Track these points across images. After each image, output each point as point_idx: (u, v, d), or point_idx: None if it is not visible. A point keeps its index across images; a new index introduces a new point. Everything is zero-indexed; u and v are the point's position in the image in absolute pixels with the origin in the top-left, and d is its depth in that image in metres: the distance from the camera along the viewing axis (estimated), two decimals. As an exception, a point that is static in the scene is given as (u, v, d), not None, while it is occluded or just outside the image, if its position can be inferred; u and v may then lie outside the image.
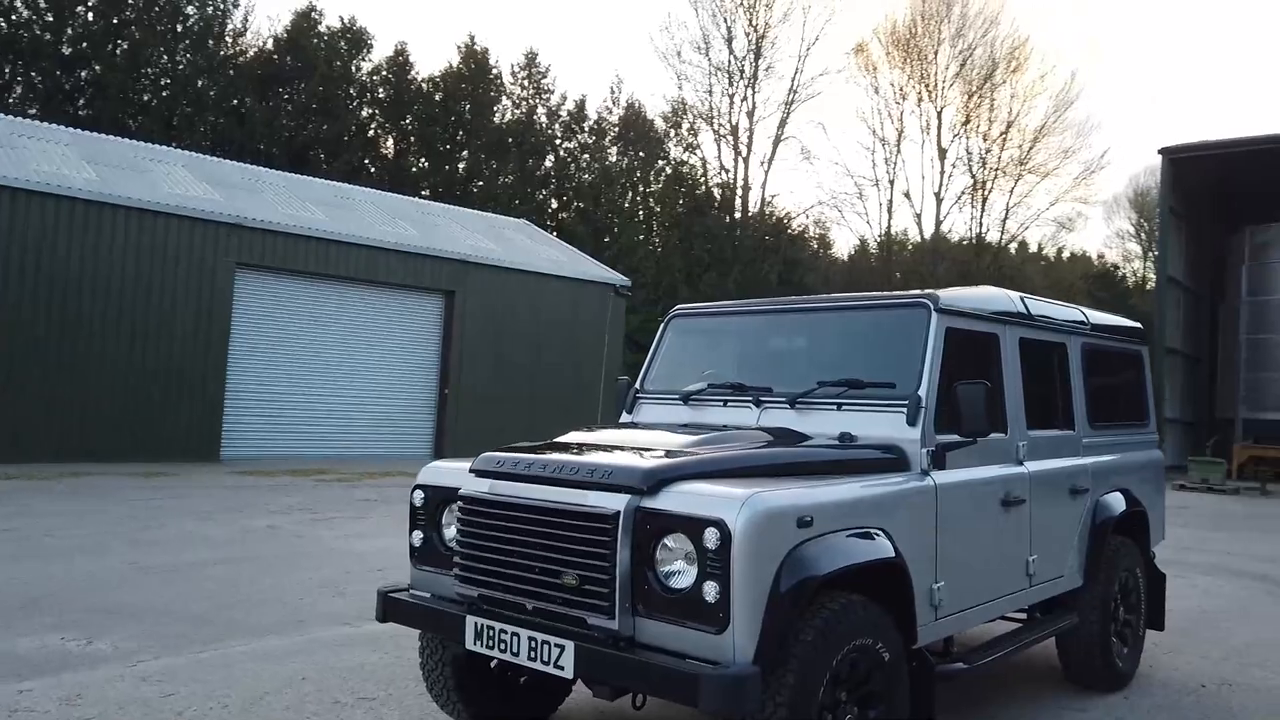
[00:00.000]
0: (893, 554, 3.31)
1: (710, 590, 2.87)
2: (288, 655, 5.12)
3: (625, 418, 4.70)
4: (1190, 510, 14.86)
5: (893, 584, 3.36)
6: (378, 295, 17.90)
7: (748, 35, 39.73)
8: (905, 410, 3.76)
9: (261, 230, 16.19)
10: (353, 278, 17.40)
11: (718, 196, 39.41)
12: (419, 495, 3.84)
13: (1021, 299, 4.61)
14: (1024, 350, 4.45)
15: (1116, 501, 4.99)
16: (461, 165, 36.12)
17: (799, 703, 2.91)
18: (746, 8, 39.58)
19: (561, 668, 3.11)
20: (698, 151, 39.59)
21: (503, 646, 3.29)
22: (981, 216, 45.36)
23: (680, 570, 3.00)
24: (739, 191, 40.21)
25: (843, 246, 49.80)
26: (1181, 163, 21.67)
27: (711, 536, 2.88)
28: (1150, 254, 54.67)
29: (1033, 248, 49.45)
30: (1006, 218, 45.20)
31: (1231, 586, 8.37)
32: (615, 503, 3.08)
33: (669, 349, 4.79)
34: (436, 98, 35.10)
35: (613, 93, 39.53)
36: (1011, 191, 44.74)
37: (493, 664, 3.79)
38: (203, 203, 15.98)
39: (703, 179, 39.42)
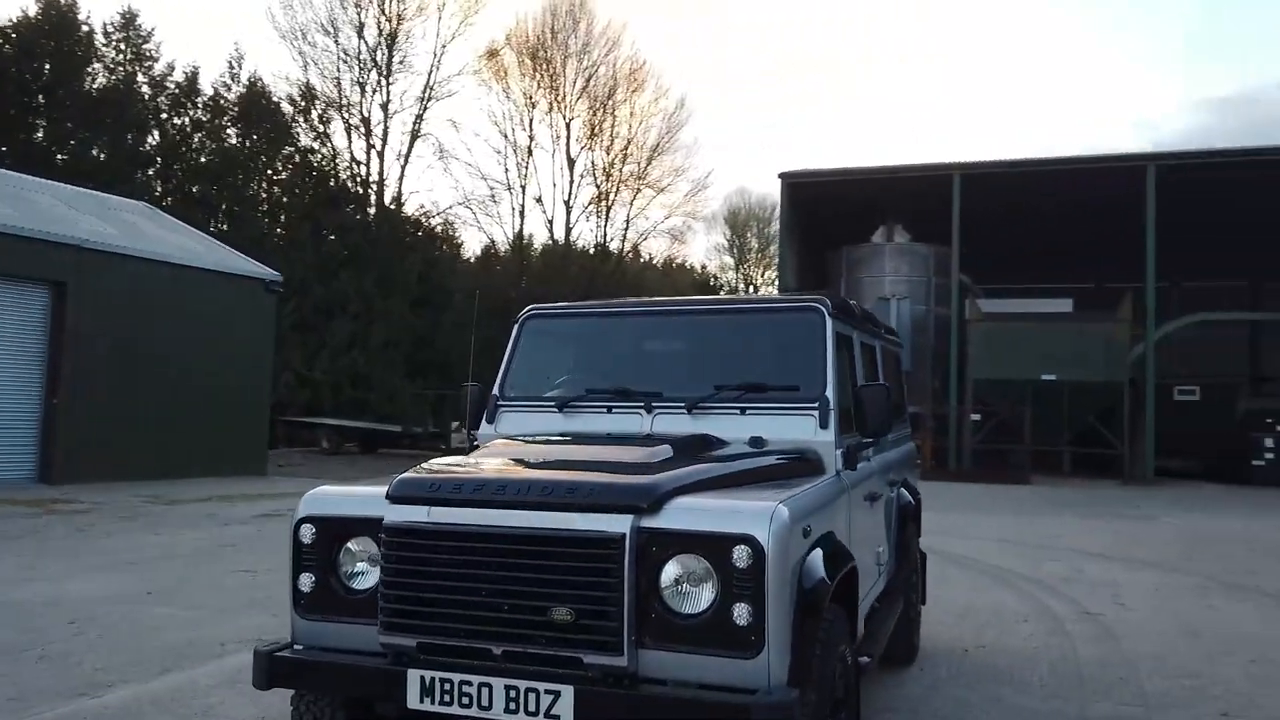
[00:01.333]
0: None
1: (741, 613, 2.68)
2: (34, 746, 3.99)
3: (486, 429, 4.27)
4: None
5: (848, 587, 3.38)
6: (-42, 285, 14.67)
7: (379, 25, 38.30)
8: (815, 413, 3.81)
9: None
10: (-77, 262, 14.09)
11: (352, 190, 37.51)
12: (307, 530, 3.17)
13: (856, 304, 4.89)
14: (861, 351, 4.72)
15: (905, 492, 5.48)
16: (40, 134, 30.84)
17: None
18: (378, -4, 38.10)
19: (556, 717, 2.73)
20: (329, 141, 37.38)
21: (466, 701, 2.82)
22: (605, 226, 47.90)
23: (691, 593, 2.77)
24: (374, 186, 38.64)
25: (475, 248, 49.81)
26: (796, 186, 24.59)
27: (741, 554, 2.69)
28: (741, 266, 61.40)
29: (645, 257, 52.95)
30: (628, 228, 48.18)
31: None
32: (618, 524, 2.77)
33: (524, 353, 4.43)
34: (6, 51, 29.63)
35: (231, 68, 35.62)
36: (631, 204, 47.77)
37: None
38: None
39: (332, 169, 37.29)
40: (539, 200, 48.73)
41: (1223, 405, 23.07)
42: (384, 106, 39.05)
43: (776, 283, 59.97)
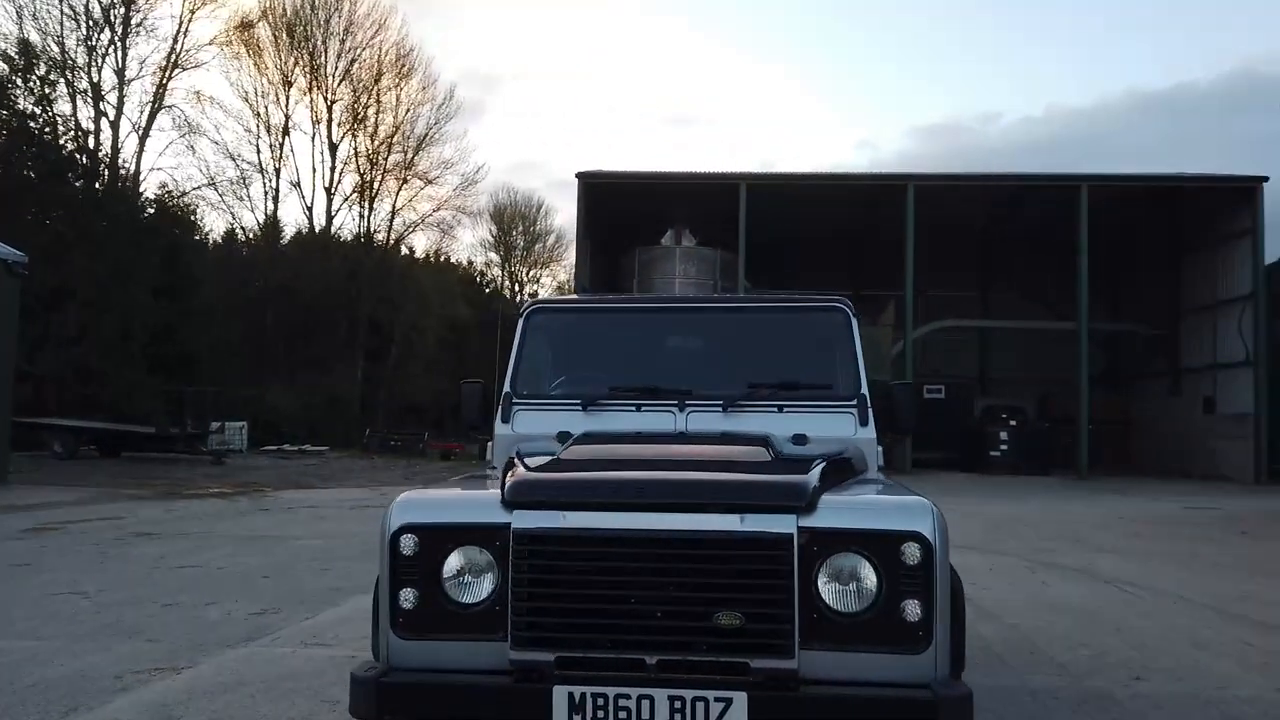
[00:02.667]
0: None
1: (912, 609, 2.71)
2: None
3: (504, 428, 4.02)
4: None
5: None
6: None
7: (114, -20, 34.48)
8: (854, 411, 3.91)
9: None
10: None
11: (81, 163, 33.49)
12: (409, 541, 2.84)
13: None
14: None
15: None
16: None
17: None
18: (116, -49, 34.32)
19: (727, 727, 2.64)
20: (50, 106, 33.11)
21: (624, 716, 2.64)
22: (370, 216, 45.94)
23: (849, 591, 2.77)
24: (106, 160, 34.74)
25: (221, 231, 46.01)
26: (592, 186, 24.81)
27: (912, 551, 2.72)
28: (507, 263, 60.99)
29: (407, 250, 51.23)
30: (393, 219, 46.46)
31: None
32: (784, 525, 2.72)
33: (531, 349, 4.21)
34: None
35: (-72, 15, 30.68)
36: (398, 194, 46.14)
37: None
38: None
39: (51, 136, 33.06)
40: (296, 185, 45.93)
41: (963, 403, 25.88)
42: (119, 72, 35.33)
43: (541, 284, 59.84)
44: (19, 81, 32.18)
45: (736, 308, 4.33)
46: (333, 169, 44.58)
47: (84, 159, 34.08)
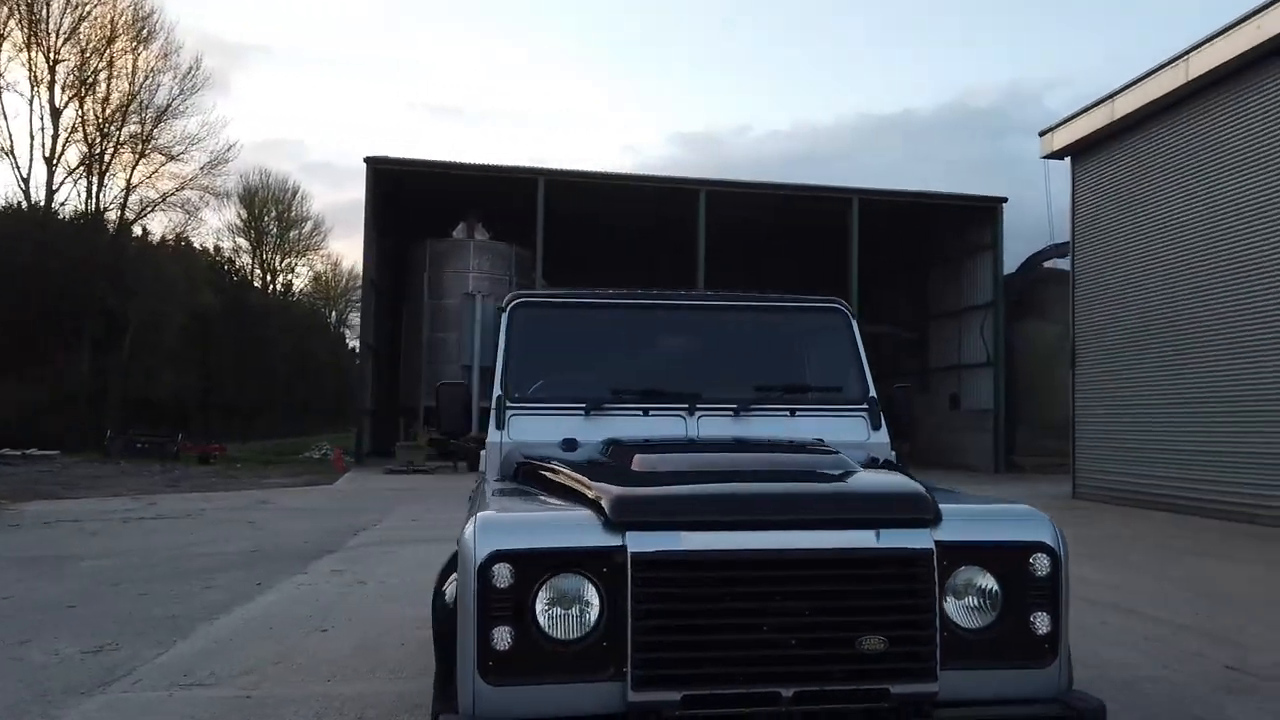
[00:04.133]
0: None
1: (1041, 621, 2.63)
2: None
3: (499, 435, 3.57)
4: (421, 490, 16.48)
5: None
6: None
7: None
8: (864, 414, 3.81)
9: None
10: None
11: None
12: (503, 571, 2.39)
13: None
14: None
15: None
16: None
17: None
18: None
19: (877, 761, 2.43)
20: None
21: (769, 758, 2.38)
22: (100, 192, 41.12)
23: (974, 606, 2.65)
24: None
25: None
26: (382, 174, 23.47)
27: (1041, 563, 2.64)
28: (259, 250, 56.84)
29: (142, 231, 46.27)
30: (128, 196, 41.84)
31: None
32: (922, 539, 2.55)
33: (518, 348, 3.78)
34: None
35: None
36: (134, 169, 41.60)
37: None
38: None
39: None
40: (9, 153, 40.41)
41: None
42: None
43: (297, 274, 56.22)
44: None
45: (734, 306, 4.09)
46: (55, 137, 39.56)
47: None
